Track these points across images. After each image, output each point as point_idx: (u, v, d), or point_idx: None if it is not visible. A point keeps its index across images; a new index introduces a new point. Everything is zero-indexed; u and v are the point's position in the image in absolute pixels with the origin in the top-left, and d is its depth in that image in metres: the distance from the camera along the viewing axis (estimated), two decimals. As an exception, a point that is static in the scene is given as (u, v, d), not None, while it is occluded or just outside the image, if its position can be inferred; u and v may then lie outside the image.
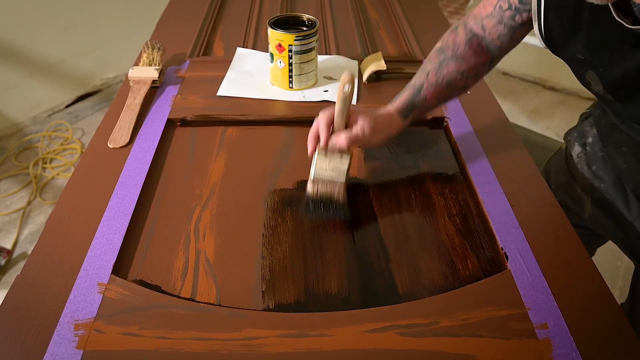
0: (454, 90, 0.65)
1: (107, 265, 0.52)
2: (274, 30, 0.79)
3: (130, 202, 0.60)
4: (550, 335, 0.46)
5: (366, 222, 0.60)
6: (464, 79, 0.65)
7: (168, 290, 0.50)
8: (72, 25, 2.01)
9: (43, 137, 1.95)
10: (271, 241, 0.56)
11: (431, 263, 0.55)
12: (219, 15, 1.14)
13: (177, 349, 0.44)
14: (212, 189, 0.64)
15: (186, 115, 0.76)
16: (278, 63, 0.82)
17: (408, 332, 0.46)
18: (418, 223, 0.60)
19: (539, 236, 0.57)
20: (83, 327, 0.46)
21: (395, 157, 0.71)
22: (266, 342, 0.45)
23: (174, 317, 0.47)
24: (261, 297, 0.50)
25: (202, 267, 0.53)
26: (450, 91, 0.65)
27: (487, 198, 0.62)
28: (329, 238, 0.57)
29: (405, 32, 1.06)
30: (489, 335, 0.46)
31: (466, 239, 0.58)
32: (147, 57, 0.86)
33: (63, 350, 0.44)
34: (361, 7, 1.21)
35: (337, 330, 0.46)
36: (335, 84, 0.86)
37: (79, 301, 0.48)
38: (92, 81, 2.22)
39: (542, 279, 0.52)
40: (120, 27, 2.16)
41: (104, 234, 0.55)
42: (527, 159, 0.70)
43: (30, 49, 1.92)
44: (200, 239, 0.56)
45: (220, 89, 0.84)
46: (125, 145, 0.70)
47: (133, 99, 0.78)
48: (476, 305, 0.49)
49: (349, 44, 1.02)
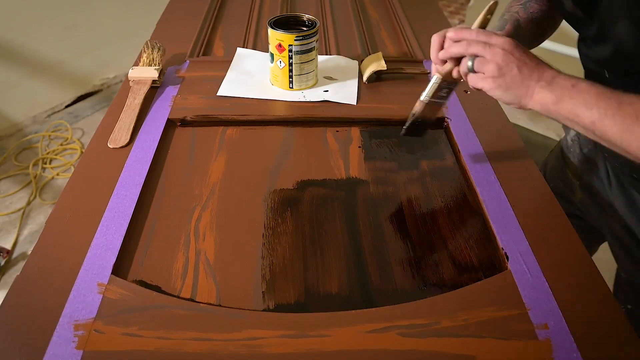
0: (539, 30, 0.65)
1: (107, 266, 0.52)
2: (274, 30, 0.79)
3: (130, 202, 0.60)
4: (551, 335, 0.46)
5: (366, 222, 0.59)
6: (546, 19, 0.65)
7: (168, 290, 0.50)
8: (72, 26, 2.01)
9: (43, 137, 1.95)
10: (271, 241, 0.56)
11: (431, 263, 0.55)
12: (219, 15, 1.14)
13: (177, 350, 0.44)
14: (212, 189, 0.64)
15: (186, 116, 0.76)
16: (278, 63, 0.82)
17: (408, 332, 0.46)
18: (418, 223, 0.60)
19: (539, 236, 0.57)
20: (83, 327, 0.46)
21: (396, 157, 0.71)
22: (266, 343, 0.45)
23: (174, 318, 0.47)
24: (261, 297, 0.50)
25: (202, 267, 0.53)
26: (537, 29, 0.65)
27: (487, 198, 0.62)
28: (329, 238, 0.57)
29: (405, 32, 1.06)
30: (489, 335, 0.46)
31: (466, 239, 0.58)
32: (147, 57, 0.86)
33: (63, 350, 0.44)
34: (361, 7, 1.21)
35: (337, 330, 0.46)
36: (335, 84, 0.86)
37: (78, 301, 0.48)
38: (92, 81, 2.22)
39: (542, 279, 0.52)
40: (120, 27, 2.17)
41: (104, 234, 0.55)
42: (527, 159, 0.70)
43: (30, 49, 1.92)
44: (200, 239, 0.56)
45: (221, 89, 0.84)
46: (125, 145, 0.70)
47: (133, 99, 0.78)
48: (476, 306, 0.49)
49: (349, 44, 1.02)
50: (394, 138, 0.75)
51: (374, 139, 0.74)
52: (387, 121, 0.78)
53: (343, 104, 0.81)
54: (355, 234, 0.58)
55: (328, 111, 0.79)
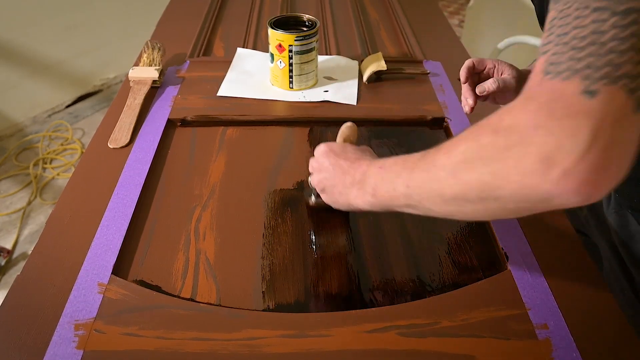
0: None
1: (108, 266, 0.52)
2: (274, 31, 0.79)
3: (131, 202, 0.60)
4: (551, 335, 0.46)
5: (366, 222, 0.60)
6: None
7: (168, 290, 0.50)
8: (72, 26, 2.02)
9: (43, 137, 1.95)
10: (271, 241, 0.56)
11: (431, 263, 0.55)
12: (219, 16, 1.14)
13: (177, 349, 0.44)
14: (212, 189, 0.64)
15: (186, 116, 0.76)
16: (278, 63, 0.82)
17: (408, 332, 0.46)
18: (418, 223, 0.60)
19: (539, 236, 0.57)
20: (83, 327, 0.46)
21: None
22: (266, 342, 0.45)
23: (174, 318, 0.47)
24: (261, 297, 0.50)
25: (202, 267, 0.53)
26: None
27: (487, 198, 0.62)
28: (329, 238, 0.57)
29: (405, 32, 1.06)
30: (489, 335, 0.46)
31: (466, 239, 0.58)
32: (147, 57, 0.86)
33: (63, 350, 0.44)
34: (361, 7, 1.21)
35: (337, 330, 0.46)
36: (335, 84, 0.86)
37: (79, 301, 0.48)
38: (92, 81, 2.22)
39: (542, 279, 0.52)
40: (120, 27, 2.17)
41: (104, 234, 0.55)
42: (527, 159, 0.69)
43: (31, 49, 1.92)
44: (201, 239, 0.56)
45: (221, 89, 0.84)
46: (125, 145, 0.70)
47: (133, 99, 0.78)
48: (476, 306, 0.49)
49: (349, 44, 1.02)
50: (394, 138, 0.75)
51: (374, 139, 0.74)
52: (387, 121, 0.78)
53: (343, 104, 0.81)
54: (355, 234, 0.58)
55: (328, 111, 0.79)
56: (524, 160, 0.31)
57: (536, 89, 0.32)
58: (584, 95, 0.29)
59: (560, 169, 0.29)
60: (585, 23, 0.31)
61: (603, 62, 0.30)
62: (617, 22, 0.30)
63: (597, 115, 0.29)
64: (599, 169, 0.29)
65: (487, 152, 0.34)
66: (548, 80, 0.31)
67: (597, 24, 0.30)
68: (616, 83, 0.29)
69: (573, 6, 0.32)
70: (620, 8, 0.30)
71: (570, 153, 0.29)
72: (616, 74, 0.29)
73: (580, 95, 0.29)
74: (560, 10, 0.33)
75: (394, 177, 0.43)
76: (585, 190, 0.30)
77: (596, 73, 0.30)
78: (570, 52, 0.31)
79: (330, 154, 0.52)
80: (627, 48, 0.29)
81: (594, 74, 0.30)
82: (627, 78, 0.29)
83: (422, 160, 0.41)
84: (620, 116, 0.29)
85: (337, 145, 0.54)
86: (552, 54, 0.32)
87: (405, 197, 0.42)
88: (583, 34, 0.31)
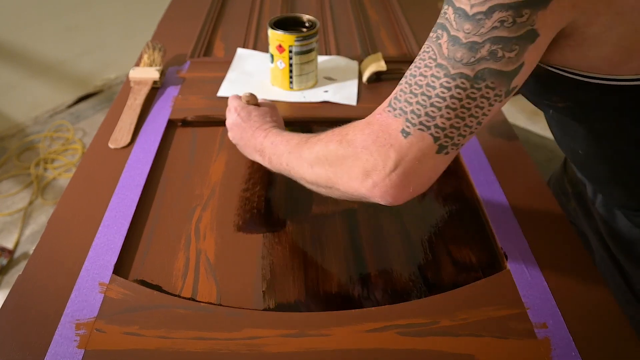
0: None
1: (108, 265, 0.52)
2: (274, 31, 0.79)
3: (131, 202, 0.60)
4: (550, 334, 0.46)
5: (366, 222, 0.60)
6: None
7: (169, 290, 0.51)
8: (73, 26, 2.02)
9: (44, 138, 1.95)
10: (271, 241, 0.57)
11: (431, 263, 0.55)
12: (220, 16, 1.14)
13: (178, 349, 0.44)
14: (213, 189, 0.64)
15: (187, 116, 0.76)
16: (278, 64, 0.82)
17: (408, 331, 0.46)
18: (418, 223, 0.60)
19: (538, 236, 0.57)
20: (84, 326, 0.46)
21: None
22: (266, 342, 0.45)
23: (175, 317, 0.47)
24: (261, 296, 0.50)
25: (202, 267, 0.53)
26: None
27: (487, 198, 0.62)
28: (329, 238, 0.57)
29: (405, 32, 1.06)
30: (488, 335, 0.46)
31: (466, 239, 0.58)
32: (148, 57, 0.87)
33: (64, 349, 0.44)
34: (361, 8, 1.21)
35: (337, 330, 0.46)
36: (335, 84, 0.86)
37: (80, 301, 0.48)
38: (93, 82, 2.22)
39: (541, 278, 0.52)
40: (121, 28, 2.17)
41: (105, 234, 0.55)
42: (527, 160, 0.70)
43: (32, 49, 1.93)
44: (201, 239, 0.57)
45: (221, 89, 0.84)
46: (126, 145, 0.70)
47: (134, 100, 0.78)
48: (476, 305, 0.49)
49: (349, 44, 1.02)
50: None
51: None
52: (387, 121, 0.78)
53: (343, 104, 0.81)
54: (355, 233, 0.58)
55: (328, 111, 0.80)
56: (352, 169, 0.42)
57: (376, 117, 0.41)
58: (401, 133, 0.39)
59: (372, 181, 0.40)
60: (427, 74, 0.38)
61: (424, 112, 0.38)
62: (445, 83, 0.37)
63: (402, 150, 0.39)
64: (397, 186, 0.40)
65: (331, 156, 0.44)
66: (386, 113, 0.40)
67: (433, 78, 0.37)
68: (426, 131, 0.38)
69: (429, 53, 0.38)
70: (452, 72, 0.36)
71: (380, 172, 0.40)
72: (429, 124, 0.38)
73: (399, 132, 0.39)
74: (422, 51, 0.39)
75: (279, 155, 0.52)
76: (388, 199, 0.41)
77: (416, 119, 0.38)
78: (408, 94, 0.39)
79: (238, 119, 0.62)
80: (444, 106, 0.37)
81: (415, 119, 0.38)
82: (437, 128, 0.38)
83: (297, 147, 0.50)
84: (422, 155, 0.39)
85: (243, 111, 0.62)
86: (400, 90, 0.40)
87: (288, 172, 0.52)
88: (421, 83, 0.38)
